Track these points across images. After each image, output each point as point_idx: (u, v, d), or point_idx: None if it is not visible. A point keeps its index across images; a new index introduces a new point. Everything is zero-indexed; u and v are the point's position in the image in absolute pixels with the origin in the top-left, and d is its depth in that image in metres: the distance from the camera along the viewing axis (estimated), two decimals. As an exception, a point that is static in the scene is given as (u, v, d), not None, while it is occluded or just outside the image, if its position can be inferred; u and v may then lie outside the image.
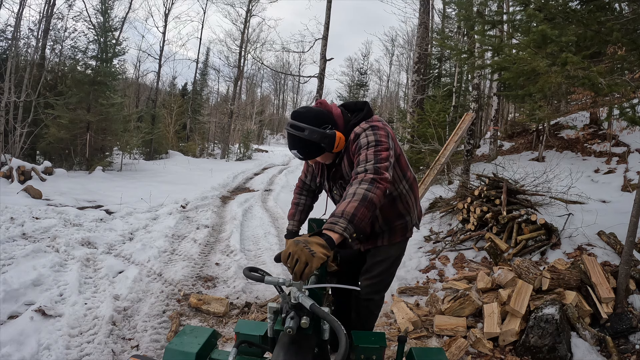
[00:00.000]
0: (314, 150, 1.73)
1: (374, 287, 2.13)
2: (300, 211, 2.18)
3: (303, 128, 1.67)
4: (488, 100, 13.12)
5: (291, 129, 1.69)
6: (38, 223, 5.03)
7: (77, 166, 11.51)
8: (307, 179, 2.20)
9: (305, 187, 2.23)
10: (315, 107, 1.81)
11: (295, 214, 2.17)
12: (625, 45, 3.31)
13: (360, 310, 2.22)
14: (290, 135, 1.71)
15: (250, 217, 7.12)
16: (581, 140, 8.82)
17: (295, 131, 1.68)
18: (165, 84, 27.33)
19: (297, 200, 2.21)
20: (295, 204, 2.20)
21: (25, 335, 2.63)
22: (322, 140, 1.68)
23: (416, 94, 9.68)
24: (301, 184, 2.23)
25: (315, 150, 1.73)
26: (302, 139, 1.68)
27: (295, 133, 1.68)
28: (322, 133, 1.68)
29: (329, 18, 11.58)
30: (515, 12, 4.64)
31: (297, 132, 1.67)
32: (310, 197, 2.25)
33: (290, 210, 2.20)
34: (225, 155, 22.21)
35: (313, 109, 1.77)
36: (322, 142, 1.69)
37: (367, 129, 1.73)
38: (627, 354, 2.64)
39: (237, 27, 27.40)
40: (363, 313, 2.22)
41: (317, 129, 1.68)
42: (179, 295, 3.60)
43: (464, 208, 4.93)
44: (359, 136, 1.72)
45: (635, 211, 2.85)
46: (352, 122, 1.80)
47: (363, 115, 1.82)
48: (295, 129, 1.68)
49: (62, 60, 13.05)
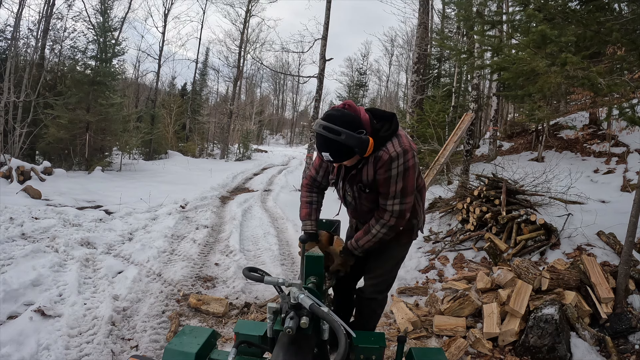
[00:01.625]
0: (347, 154, 1.73)
1: (378, 286, 2.15)
2: (314, 210, 2.14)
3: (340, 132, 1.66)
4: (487, 100, 13.12)
5: (325, 132, 1.67)
6: (37, 223, 5.02)
7: (76, 166, 11.50)
8: (319, 175, 2.15)
9: (315, 184, 2.18)
10: (346, 110, 1.79)
11: (311, 213, 2.13)
12: (625, 46, 3.32)
13: (363, 309, 2.23)
14: (323, 137, 1.69)
15: (250, 218, 7.12)
16: (581, 141, 8.83)
17: (331, 134, 1.67)
18: (165, 84, 27.31)
19: (309, 198, 2.16)
20: (308, 202, 2.15)
21: (25, 335, 2.62)
22: (358, 145, 1.69)
23: (415, 94, 9.68)
24: (311, 181, 2.17)
25: (348, 154, 1.74)
26: (338, 142, 1.67)
27: (330, 136, 1.67)
28: (359, 139, 1.69)
29: (329, 18, 11.58)
30: (515, 12, 4.64)
31: (332, 135, 1.66)
32: (321, 195, 2.22)
33: (304, 210, 2.15)
34: (225, 156, 22.21)
35: (347, 113, 1.76)
36: (356, 147, 1.70)
37: (400, 156, 1.77)
38: (626, 354, 2.64)
39: (236, 27, 27.34)
40: (366, 312, 2.23)
41: (354, 134, 1.68)
42: (179, 295, 3.59)
43: (464, 208, 4.93)
44: (392, 161, 1.77)
45: (634, 211, 2.86)
46: (382, 135, 1.80)
47: (393, 130, 1.82)
48: (330, 131, 1.67)
49: (62, 60, 13.04)
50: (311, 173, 2.16)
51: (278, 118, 52.97)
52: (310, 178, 2.17)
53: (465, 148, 6.87)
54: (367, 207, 1.98)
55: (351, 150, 1.72)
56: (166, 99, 22.71)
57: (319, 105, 12.45)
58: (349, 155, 1.75)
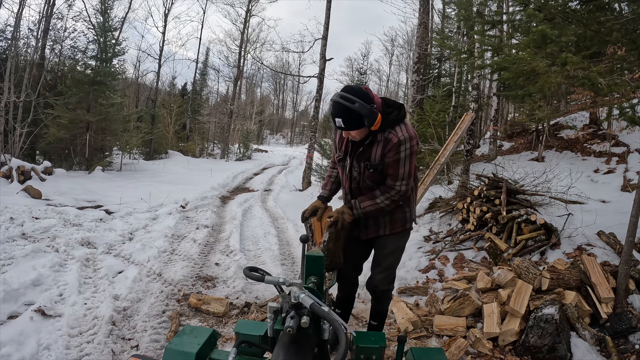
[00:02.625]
0: (357, 122, 1.94)
1: (387, 278, 2.36)
2: (331, 182, 2.45)
3: (354, 100, 1.88)
4: (488, 100, 13.11)
5: (341, 100, 1.90)
6: (38, 223, 5.02)
7: (76, 166, 11.50)
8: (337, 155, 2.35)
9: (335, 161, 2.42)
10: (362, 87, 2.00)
11: (328, 184, 2.46)
12: (625, 45, 3.32)
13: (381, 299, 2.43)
14: (339, 104, 1.91)
15: (250, 217, 7.12)
16: (581, 140, 8.82)
17: (346, 102, 1.89)
18: (165, 84, 27.30)
19: (330, 172, 2.48)
20: (329, 176, 2.48)
21: (25, 335, 2.63)
22: (368, 115, 1.91)
23: (416, 94, 9.67)
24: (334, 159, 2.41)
25: (358, 123, 1.94)
26: (351, 109, 1.89)
27: (345, 103, 1.89)
28: (370, 109, 1.91)
29: (329, 18, 11.58)
30: (515, 12, 4.63)
31: (347, 102, 1.89)
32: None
33: (325, 181, 2.50)
34: (225, 155, 22.21)
35: (362, 88, 1.97)
36: (366, 117, 1.91)
37: (407, 140, 2.03)
38: (626, 354, 2.64)
39: (236, 27, 27.31)
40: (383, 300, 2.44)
41: (366, 104, 1.90)
42: (179, 295, 3.60)
43: (464, 208, 4.93)
44: (400, 144, 2.01)
45: (634, 211, 2.86)
46: (392, 117, 2.03)
47: (401, 116, 2.06)
48: (346, 100, 1.89)
49: (62, 60, 13.05)
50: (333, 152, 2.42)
51: (278, 118, 52.95)
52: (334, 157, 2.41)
53: (466, 148, 6.86)
54: (368, 185, 2.19)
55: (361, 119, 1.92)
56: (166, 98, 22.70)
57: (319, 105, 12.46)
58: (359, 123, 1.94)
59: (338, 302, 2.56)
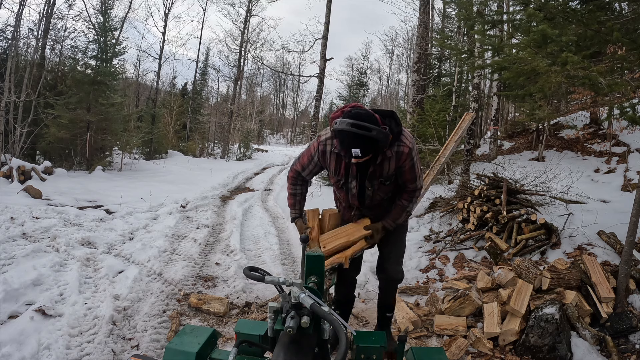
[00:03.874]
0: (374, 149, 1.87)
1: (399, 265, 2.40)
2: (298, 201, 2.37)
3: (371, 128, 1.78)
4: (488, 100, 13.11)
5: (356, 129, 1.78)
6: (38, 223, 5.03)
7: (77, 166, 11.50)
8: (305, 172, 2.29)
9: (300, 177, 2.33)
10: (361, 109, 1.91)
11: (295, 204, 2.37)
12: (626, 45, 3.31)
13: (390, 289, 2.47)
14: (354, 134, 1.79)
15: (250, 217, 7.12)
16: (581, 140, 8.81)
17: (362, 131, 1.77)
18: (165, 84, 27.29)
19: (294, 190, 2.35)
20: (293, 194, 2.36)
21: (26, 335, 2.63)
22: (385, 140, 1.85)
23: (416, 93, 9.67)
24: (296, 175, 2.32)
25: (374, 149, 1.88)
26: (369, 138, 1.79)
27: (362, 132, 1.78)
28: (386, 134, 1.85)
29: (329, 18, 11.57)
30: (516, 12, 4.64)
31: (364, 131, 1.78)
32: (305, 186, 2.41)
33: (290, 200, 2.38)
34: (225, 155, 22.20)
35: (369, 112, 1.90)
36: (383, 142, 1.85)
37: (414, 145, 2.07)
38: (627, 354, 2.64)
39: (237, 26, 27.23)
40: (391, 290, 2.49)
41: (381, 129, 1.83)
42: (179, 295, 3.60)
43: (464, 208, 4.93)
44: (411, 151, 2.04)
45: (635, 211, 2.85)
46: (395, 130, 1.98)
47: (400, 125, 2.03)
48: (361, 128, 1.78)
49: (62, 60, 13.03)
50: (297, 168, 2.29)
51: (278, 118, 52.92)
52: (296, 172, 2.31)
53: (466, 147, 6.86)
54: (380, 197, 2.21)
55: (377, 145, 1.85)
56: (167, 98, 22.69)
57: (319, 104, 12.45)
58: (375, 150, 1.89)
59: (337, 303, 2.57)
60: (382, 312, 2.55)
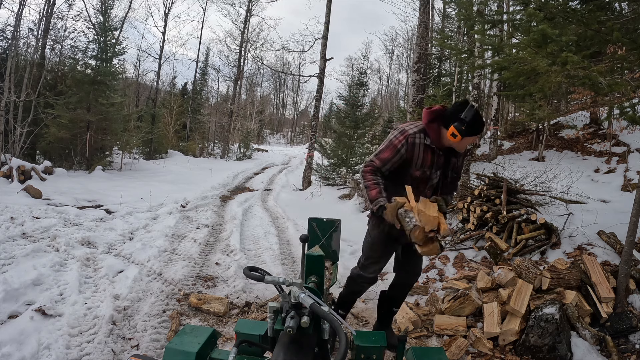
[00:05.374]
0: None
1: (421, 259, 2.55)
2: (383, 189, 2.31)
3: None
4: (488, 99, 13.10)
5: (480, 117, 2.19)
6: (38, 223, 5.02)
7: (77, 166, 11.50)
8: (385, 168, 2.30)
9: (379, 172, 2.33)
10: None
11: (381, 191, 2.30)
12: (626, 45, 3.31)
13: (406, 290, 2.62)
14: (481, 121, 2.19)
15: (250, 217, 7.12)
16: (581, 140, 8.81)
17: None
18: (165, 84, 27.32)
19: (377, 180, 2.30)
20: (376, 183, 2.30)
21: (26, 334, 2.63)
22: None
23: (416, 93, 9.66)
24: (375, 169, 2.33)
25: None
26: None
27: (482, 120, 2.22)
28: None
29: (329, 17, 11.57)
30: (516, 12, 4.63)
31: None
32: (384, 180, 2.37)
33: (375, 189, 2.30)
34: (225, 155, 22.21)
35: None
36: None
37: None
38: (627, 354, 2.64)
39: (237, 26, 27.25)
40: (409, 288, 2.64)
41: None
42: (179, 294, 3.60)
43: (464, 207, 4.93)
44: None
45: (635, 211, 2.85)
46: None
47: None
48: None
49: (62, 60, 13.03)
50: (376, 164, 2.29)
51: (278, 117, 52.91)
52: (374, 167, 2.31)
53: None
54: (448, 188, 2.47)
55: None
56: (167, 98, 22.70)
57: (319, 104, 12.45)
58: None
59: (341, 300, 2.61)
60: (389, 307, 2.61)
